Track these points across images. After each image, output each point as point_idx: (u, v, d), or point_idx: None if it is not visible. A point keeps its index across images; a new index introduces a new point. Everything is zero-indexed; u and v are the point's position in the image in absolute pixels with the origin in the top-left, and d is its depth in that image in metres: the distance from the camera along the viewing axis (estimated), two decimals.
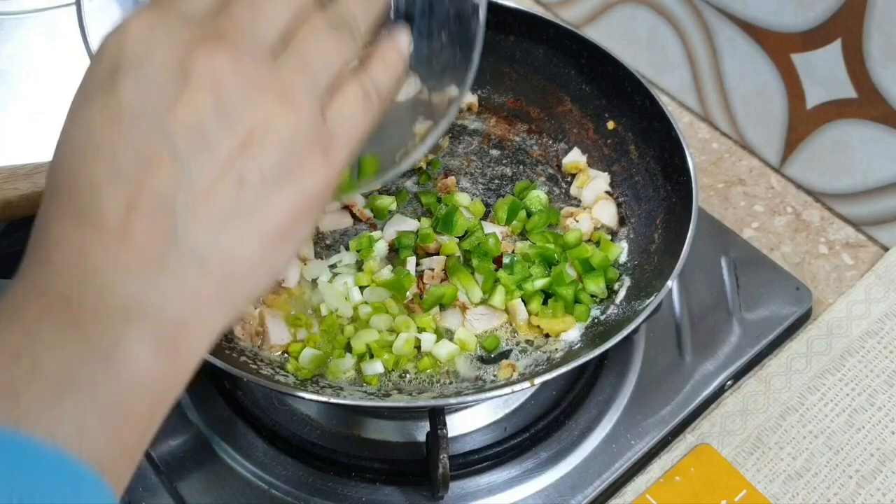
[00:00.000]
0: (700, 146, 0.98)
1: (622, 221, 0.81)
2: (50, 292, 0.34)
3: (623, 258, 0.77)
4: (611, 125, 0.83)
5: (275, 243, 0.37)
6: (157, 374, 0.35)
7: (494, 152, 0.87)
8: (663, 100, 0.78)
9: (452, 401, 0.65)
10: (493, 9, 0.85)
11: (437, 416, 0.64)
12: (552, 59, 0.86)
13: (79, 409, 0.32)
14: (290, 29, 0.38)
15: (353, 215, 0.80)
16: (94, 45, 0.47)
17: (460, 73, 0.51)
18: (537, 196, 0.81)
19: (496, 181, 0.85)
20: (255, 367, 0.67)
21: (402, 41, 0.43)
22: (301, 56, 0.38)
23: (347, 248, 0.77)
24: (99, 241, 0.34)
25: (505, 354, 0.72)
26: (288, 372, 0.68)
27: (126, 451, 0.35)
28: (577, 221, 0.80)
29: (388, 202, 0.81)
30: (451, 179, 0.83)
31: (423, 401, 0.68)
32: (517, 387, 0.62)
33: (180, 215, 0.34)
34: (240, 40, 0.36)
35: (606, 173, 0.83)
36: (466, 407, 0.75)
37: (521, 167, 0.86)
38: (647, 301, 0.66)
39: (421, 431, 0.73)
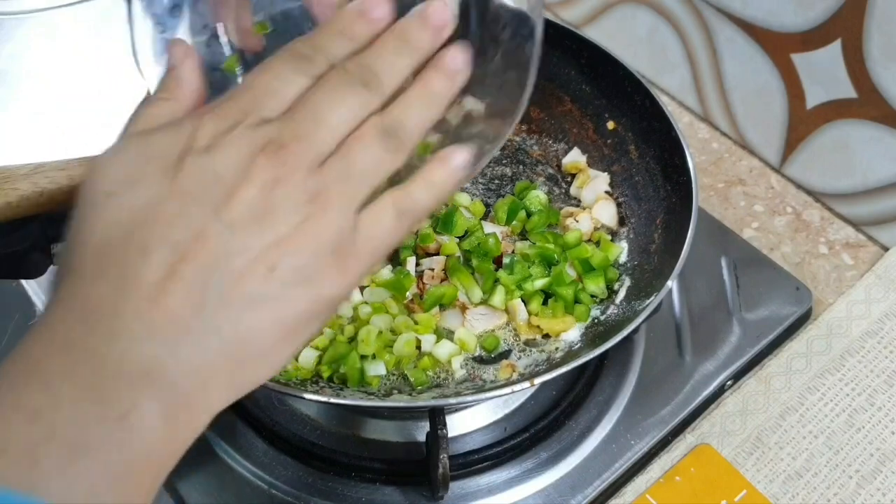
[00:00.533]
0: (700, 146, 0.98)
1: (622, 221, 0.81)
2: (75, 347, 0.36)
3: (623, 258, 0.77)
4: (611, 125, 0.83)
5: (286, 336, 0.39)
6: (164, 441, 0.36)
7: (494, 152, 0.87)
8: (663, 100, 0.78)
9: (452, 401, 0.65)
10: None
11: (437, 416, 0.64)
12: (552, 59, 0.86)
13: (91, 474, 0.34)
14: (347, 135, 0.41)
15: None
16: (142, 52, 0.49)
17: (515, 93, 0.51)
18: (537, 196, 0.81)
19: (496, 181, 0.85)
20: None
21: (456, 160, 0.44)
22: (345, 165, 0.40)
23: None
24: (133, 302, 0.36)
25: (505, 354, 0.72)
26: (287, 372, 0.68)
27: None
28: (577, 221, 0.80)
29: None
30: None
31: (423, 401, 0.68)
32: (517, 387, 0.62)
33: (213, 291, 0.37)
34: (300, 150, 0.39)
35: (606, 173, 0.83)
36: (466, 407, 0.75)
37: (521, 167, 0.86)
38: (648, 301, 0.66)
39: (421, 431, 0.73)
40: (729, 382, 0.78)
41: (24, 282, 0.82)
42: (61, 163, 0.60)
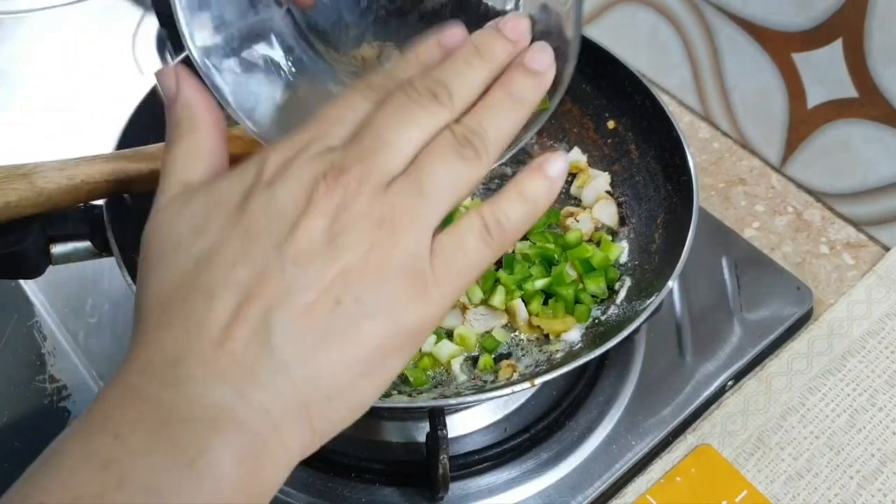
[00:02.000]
0: (700, 146, 0.98)
1: (622, 221, 0.81)
2: (143, 395, 0.35)
3: (623, 258, 0.77)
4: (611, 125, 0.83)
5: (361, 374, 0.37)
6: (238, 487, 0.34)
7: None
8: (664, 99, 0.78)
9: (452, 401, 0.64)
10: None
11: (437, 416, 0.64)
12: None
13: None
14: (418, 153, 0.38)
15: None
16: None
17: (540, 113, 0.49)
18: None
19: (496, 181, 0.85)
20: None
21: (554, 168, 0.41)
22: (416, 183, 0.37)
23: None
24: (199, 348, 0.35)
25: (505, 355, 0.72)
26: None
27: None
28: (578, 221, 0.80)
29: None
30: None
31: (423, 401, 0.68)
32: (517, 387, 0.62)
33: (279, 330, 0.35)
34: (363, 173, 0.37)
35: (607, 173, 0.83)
36: (466, 407, 0.75)
37: (521, 167, 0.86)
38: (648, 301, 0.66)
39: (421, 432, 0.73)
40: (730, 383, 0.78)
41: (22, 282, 0.82)
42: (60, 163, 0.60)
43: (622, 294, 0.74)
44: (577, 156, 0.84)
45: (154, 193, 0.42)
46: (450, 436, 0.65)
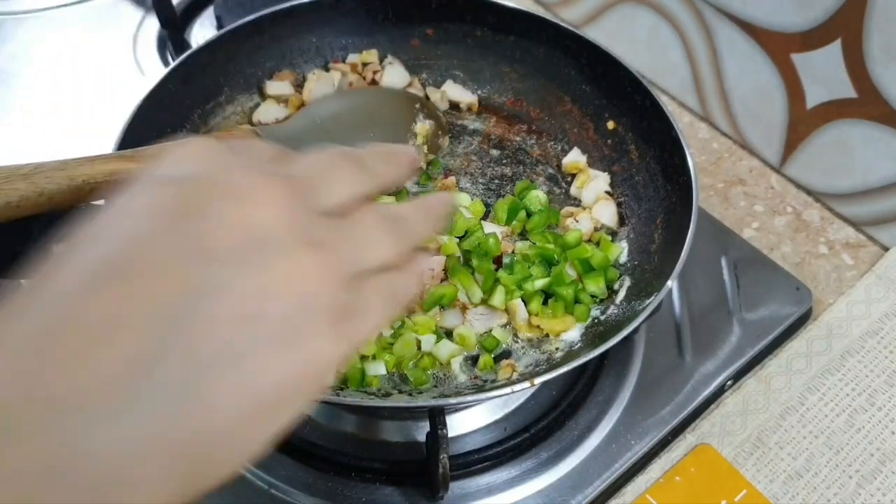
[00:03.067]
0: (700, 146, 0.98)
1: (622, 221, 0.81)
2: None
3: (623, 258, 0.77)
4: (611, 125, 0.83)
5: (260, 411, 0.31)
6: None
7: (494, 152, 0.87)
8: (663, 100, 0.78)
9: (452, 401, 0.65)
10: (494, 9, 0.85)
11: (437, 416, 0.64)
12: (552, 59, 0.86)
13: None
14: (347, 207, 0.37)
15: None
16: None
17: None
18: (537, 196, 0.81)
19: (496, 181, 0.85)
20: None
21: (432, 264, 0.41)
22: (354, 230, 0.36)
23: None
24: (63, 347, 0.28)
25: (505, 354, 0.72)
26: None
27: None
28: (577, 221, 0.80)
29: (387, 202, 0.81)
30: (451, 179, 0.83)
31: (423, 401, 0.68)
32: (517, 387, 0.62)
33: (170, 338, 0.29)
34: (301, 191, 0.34)
35: (606, 173, 0.83)
36: (466, 407, 0.75)
37: (521, 167, 0.86)
38: (647, 301, 0.66)
39: (421, 431, 0.73)
40: (729, 382, 0.78)
41: (23, 281, 0.82)
42: (60, 163, 0.60)
43: (622, 294, 0.74)
44: (577, 156, 0.85)
45: None
46: (450, 435, 0.65)
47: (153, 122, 0.78)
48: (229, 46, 0.85)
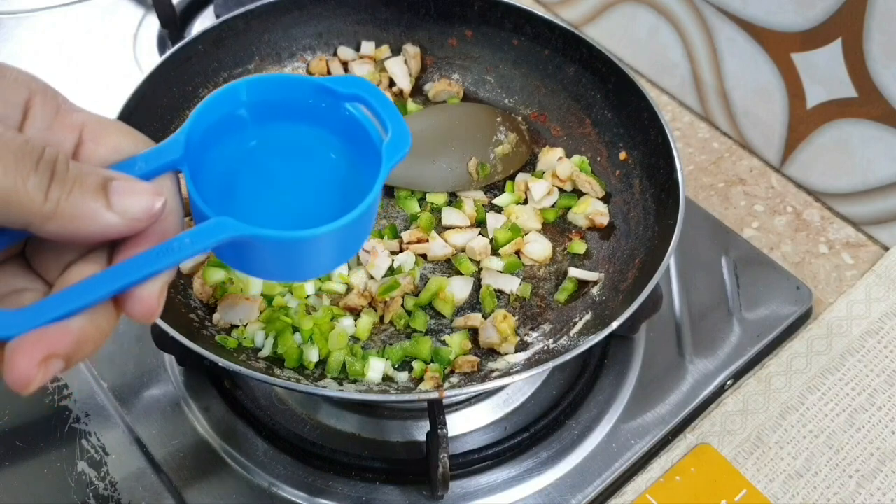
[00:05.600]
0: (700, 145, 0.98)
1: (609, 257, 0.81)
2: None
3: (596, 291, 0.77)
4: (622, 155, 0.82)
5: None
6: None
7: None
8: (675, 135, 0.76)
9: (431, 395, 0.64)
10: (534, 20, 0.85)
11: (436, 415, 0.64)
12: (581, 80, 0.85)
13: None
14: None
15: None
16: None
17: None
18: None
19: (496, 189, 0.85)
20: (205, 332, 0.70)
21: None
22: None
23: None
24: None
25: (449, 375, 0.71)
26: (241, 342, 0.70)
27: None
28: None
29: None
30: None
31: (420, 394, 0.67)
32: (424, 395, 0.62)
33: None
34: None
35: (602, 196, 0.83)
36: (467, 406, 0.75)
37: (525, 172, 0.86)
38: (590, 338, 0.65)
39: (421, 431, 0.73)
40: (729, 382, 0.78)
41: None
42: None
43: (578, 326, 0.73)
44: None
45: None
46: (450, 435, 0.65)
47: (179, 75, 0.81)
48: (268, 18, 0.86)
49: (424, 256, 0.78)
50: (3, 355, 0.38)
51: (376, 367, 0.70)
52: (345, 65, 0.90)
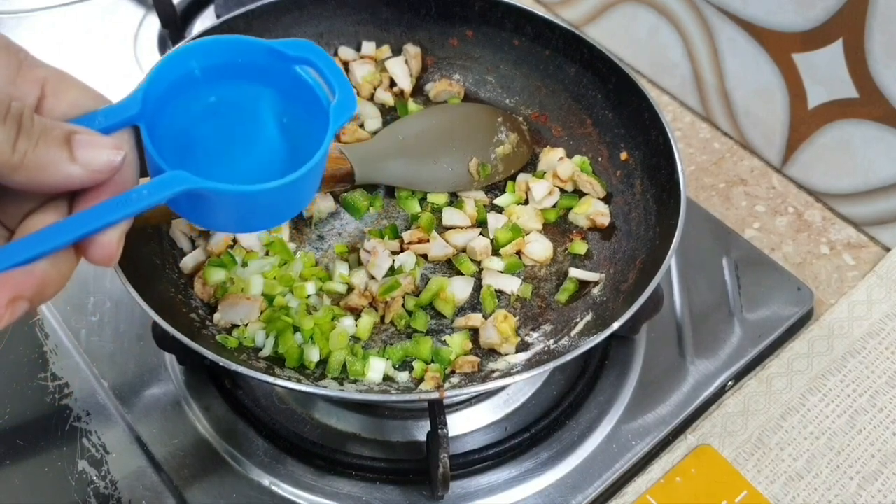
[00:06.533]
0: (701, 146, 0.98)
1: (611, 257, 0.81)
2: None
3: (597, 291, 0.77)
4: (624, 156, 0.82)
5: None
6: None
7: None
8: (676, 135, 0.76)
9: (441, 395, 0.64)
10: (534, 20, 0.85)
11: (437, 415, 0.64)
12: (582, 80, 0.85)
13: None
14: None
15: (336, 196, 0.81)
16: None
17: None
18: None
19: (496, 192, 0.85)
20: (206, 332, 0.70)
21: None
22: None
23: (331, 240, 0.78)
24: None
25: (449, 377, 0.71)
26: (242, 342, 0.70)
27: None
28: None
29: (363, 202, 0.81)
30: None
31: (421, 393, 0.67)
32: (424, 395, 0.63)
33: None
34: None
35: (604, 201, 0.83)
36: (467, 406, 0.75)
37: (529, 176, 0.86)
38: (590, 339, 0.65)
39: (422, 431, 0.73)
40: (730, 383, 0.78)
41: None
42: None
43: (579, 327, 0.73)
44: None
45: None
46: (450, 435, 0.65)
47: None
48: (268, 18, 0.85)
49: (425, 256, 0.78)
50: None
51: (377, 367, 0.70)
52: (346, 65, 0.90)
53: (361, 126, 0.87)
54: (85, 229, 0.43)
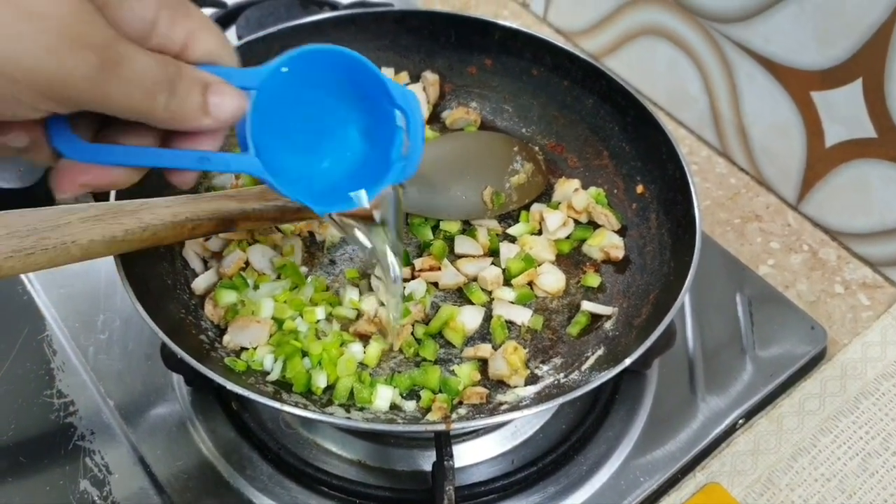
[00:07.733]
0: (717, 181, 0.98)
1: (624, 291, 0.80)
2: None
3: (609, 325, 0.76)
4: (640, 189, 0.82)
5: None
6: None
7: None
8: (692, 169, 0.76)
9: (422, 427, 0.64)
10: (553, 50, 0.85)
11: (443, 445, 0.64)
12: (599, 112, 0.85)
13: None
14: None
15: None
16: None
17: None
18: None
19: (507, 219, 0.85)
20: (215, 354, 0.70)
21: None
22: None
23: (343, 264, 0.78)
24: None
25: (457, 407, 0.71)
26: (250, 365, 0.70)
27: None
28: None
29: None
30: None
31: (426, 425, 0.67)
32: (430, 427, 0.64)
33: None
34: None
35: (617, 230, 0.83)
36: (474, 437, 0.74)
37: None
38: (602, 374, 0.64)
39: (427, 461, 0.73)
40: (740, 421, 0.77)
41: (35, 295, 0.82)
42: (168, 200, 0.64)
43: (590, 361, 0.72)
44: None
45: (255, 231, 0.51)
46: (456, 466, 0.64)
47: None
48: (289, 41, 0.85)
49: (436, 284, 0.78)
50: (60, 164, 0.51)
51: (384, 395, 0.69)
52: None
53: None
54: (170, 164, 0.53)
